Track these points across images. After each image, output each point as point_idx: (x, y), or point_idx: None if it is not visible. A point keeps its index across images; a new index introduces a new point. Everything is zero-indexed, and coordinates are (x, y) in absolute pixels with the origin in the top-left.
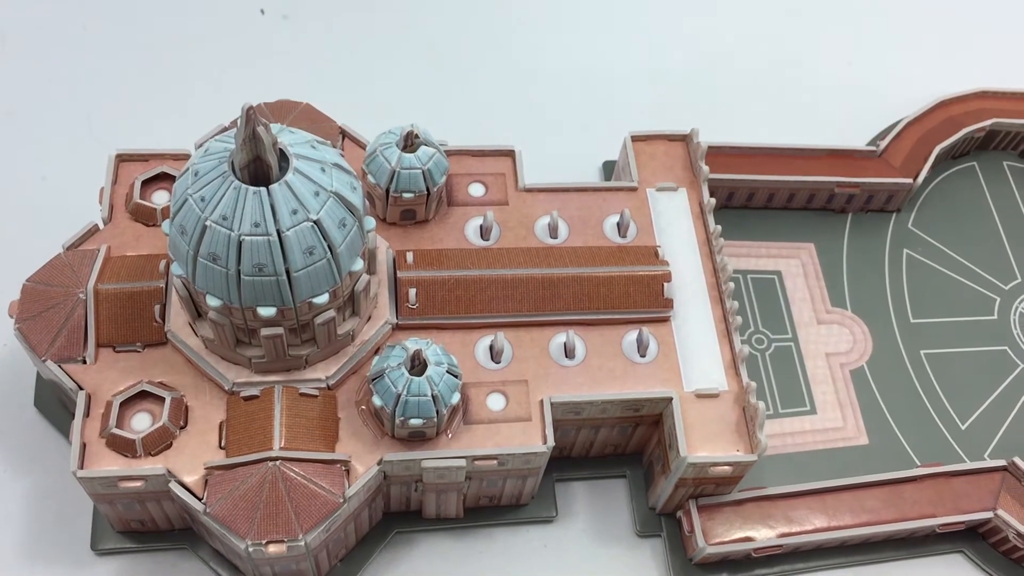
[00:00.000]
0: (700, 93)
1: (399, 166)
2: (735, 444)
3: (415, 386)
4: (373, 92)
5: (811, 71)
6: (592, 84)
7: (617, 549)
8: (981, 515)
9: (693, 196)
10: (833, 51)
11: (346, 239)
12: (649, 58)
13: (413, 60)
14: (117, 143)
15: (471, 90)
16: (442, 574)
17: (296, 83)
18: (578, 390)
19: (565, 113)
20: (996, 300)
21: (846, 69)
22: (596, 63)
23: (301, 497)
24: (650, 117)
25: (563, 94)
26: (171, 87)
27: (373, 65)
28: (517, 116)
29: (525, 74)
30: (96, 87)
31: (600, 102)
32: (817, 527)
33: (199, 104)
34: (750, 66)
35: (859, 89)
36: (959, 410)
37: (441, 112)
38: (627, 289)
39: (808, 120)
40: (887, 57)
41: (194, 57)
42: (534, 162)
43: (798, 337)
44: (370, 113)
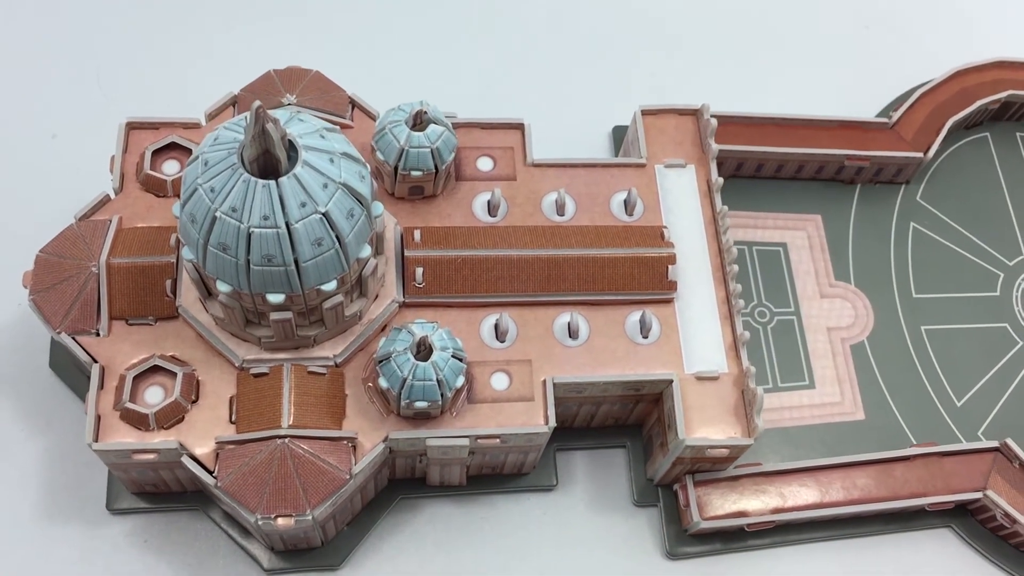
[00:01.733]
0: (713, 57)
1: (408, 144)
2: (732, 427)
3: (420, 371)
4: (384, 58)
5: (828, 34)
6: (603, 49)
7: (614, 518)
8: (971, 495)
9: (701, 174)
10: (851, 13)
11: (354, 228)
12: (662, 22)
13: (423, 25)
14: (126, 99)
15: (482, 54)
16: (444, 539)
17: (307, 48)
18: (580, 370)
19: (576, 77)
20: (1000, 276)
21: (863, 32)
22: (608, 27)
23: (309, 473)
24: (661, 82)
25: (574, 58)
26: (182, 44)
27: (384, 31)
28: (528, 80)
29: (536, 38)
30: (105, 42)
31: (611, 67)
32: (809, 503)
33: (209, 64)
34: (766, 28)
35: (876, 54)
36: (956, 387)
37: (452, 76)
38: (631, 271)
39: (824, 85)
40: (906, 21)
41: (205, 16)
42: (545, 127)
43: (800, 311)
44: (381, 80)
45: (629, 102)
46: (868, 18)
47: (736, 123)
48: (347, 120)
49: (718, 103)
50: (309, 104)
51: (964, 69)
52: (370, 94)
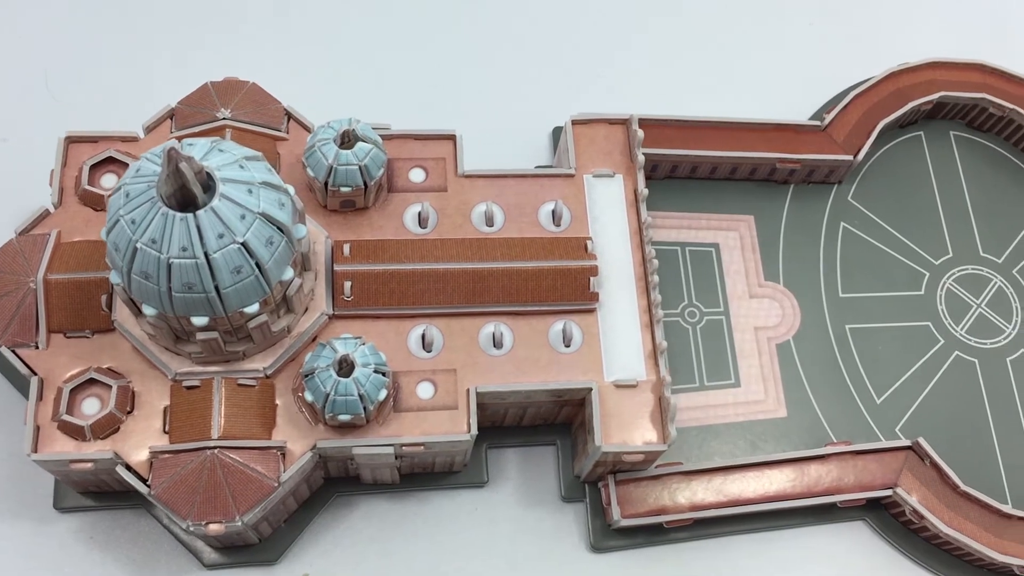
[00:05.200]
0: (661, 58)
1: (336, 162)
2: (649, 432)
3: (342, 387)
4: (326, 69)
5: (773, 30)
6: (546, 51)
7: (543, 512)
8: (881, 492)
9: (629, 183)
10: (796, 9)
11: (274, 255)
12: (606, 23)
13: (365, 35)
14: (78, 105)
15: (423, 60)
16: (378, 534)
17: (246, 59)
18: (504, 379)
19: (519, 80)
20: (925, 276)
21: (807, 29)
22: (551, 29)
23: (238, 482)
24: (605, 84)
25: (517, 61)
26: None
27: (326, 41)
28: (470, 83)
29: (474, 44)
30: (53, 44)
31: (554, 69)
32: (726, 500)
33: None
34: (714, 28)
35: (819, 51)
36: (876, 385)
37: (394, 84)
38: (554, 283)
39: (770, 84)
40: (851, 17)
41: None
42: (488, 130)
43: (730, 311)
44: (322, 90)
45: (570, 104)
46: (812, 14)
47: (672, 126)
48: (282, 132)
49: (663, 104)
50: (244, 117)
51: (899, 70)
52: (313, 104)
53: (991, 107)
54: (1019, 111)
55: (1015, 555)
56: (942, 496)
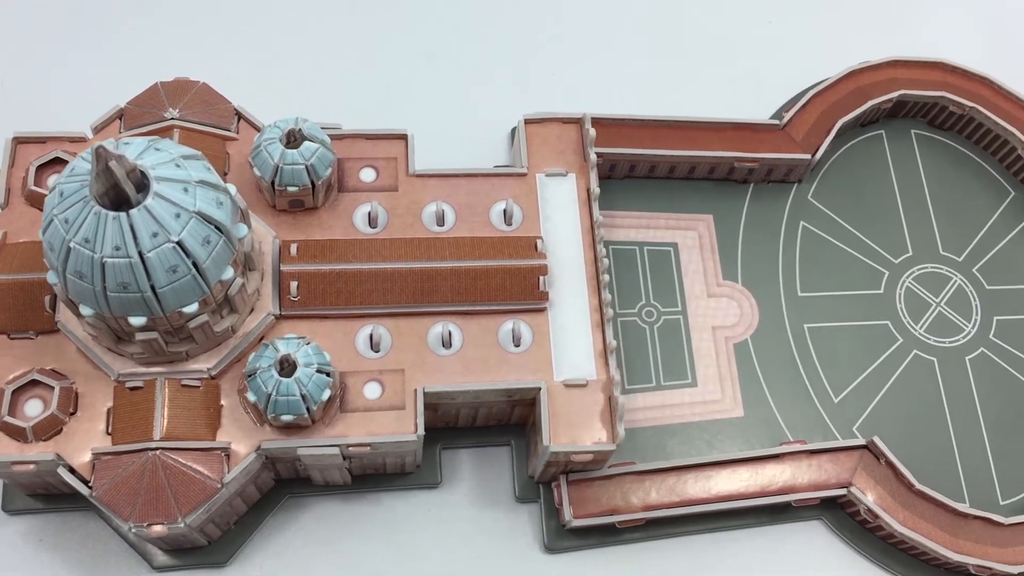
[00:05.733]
0: (620, 57)
1: (282, 162)
2: (599, 432)
3: (284, 387)
4: (283, 68)
5: (732, 30)
6: (505, 50)
7: (497, 513)
8: (836, 491)
9: (582, 182)
10: (755, 8)
11: (212, 254)
12: (565, 22)
13: (321, 34)
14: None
15: (381, 61)
16: (330, 536)
17: (202, 60)
18: (452, 379)
19: (475, 81)
20: (885, 274)
21: (766, 28)
22: (510, 28)
23: (180, 483)
24: (562, 83)
25: (472, 62)
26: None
27: (284, 40)
28: (426, 86)
29: (434, 44)
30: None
31: (510, 69)
32: (679, 500)
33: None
34: (673, 27)
35: (779, 50)
36: (834, 384)
37: (351, 84)
38: (503, 282)
39: (725, 83)
40: (811, 17)
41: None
42: (443, 131)
43: (687, 310)
44: (280, 89)
45: (530, 104)
46: (772, 13)
47: (629, 125)
48: (232, 132)
49: (623, 104)
50: (192, 117)
51: (858, 68)
52: (269, 104)
53: (951, 105)
54: (979, 109)
55: (970, 554)
56: (897, 495)
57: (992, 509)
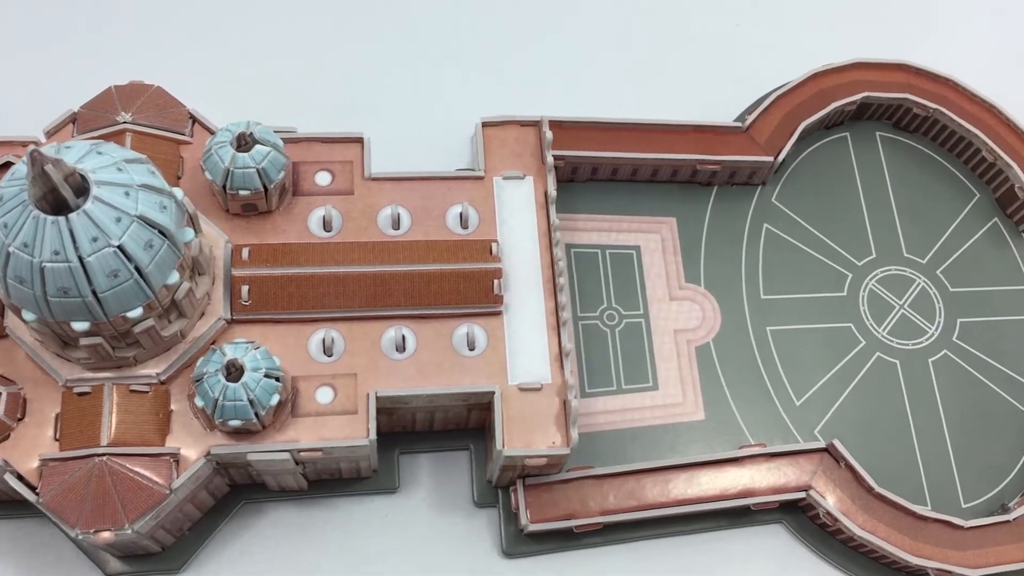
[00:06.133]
0: (584, 60)
1: (233, 165)
2: (552, 436)
3: (231, 392)
4: (238, 73)
5: (699, 32)
6: (472, 52)
7: (455, 518)
8: (795, 495)
9: (539, 185)
10: (722, 11)
11: (155, 259)
12: (532, 22)
13: (284, 35)
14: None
15: (341, 63)
16: (287, 541)
17: (159, 63)
18: (406, 383)
19: (440, 84)
20: (848, 276)
21: (733, 31)
22: (476, 29)
23: (127, 489)
24: (524, 88)
25: (437, 65)
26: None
27: (239, 45)
28: (390, 89)
29: (399, 47)
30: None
31: (476, 72)
32: (637, 505)
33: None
34: (640, 29)
35: (746, 53)
36: (796, 387)
37: (312, 86)
38: (458, 285)
39: (692, 86)
40: (779, 19)
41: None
42: (408, 135)
43: (649, 313)
44: (234, 94)
45: (494, 106)
46: (740, 15)
47: (591, 128)
48: (186, 136)
49: (589, 106)
50: (145, 121)
51: (822, 71)
52: (229, 108)
53: (915, 107)
54: (943, 111)
55: (930, 557)
56: (857, 498)
57: (954, 512)
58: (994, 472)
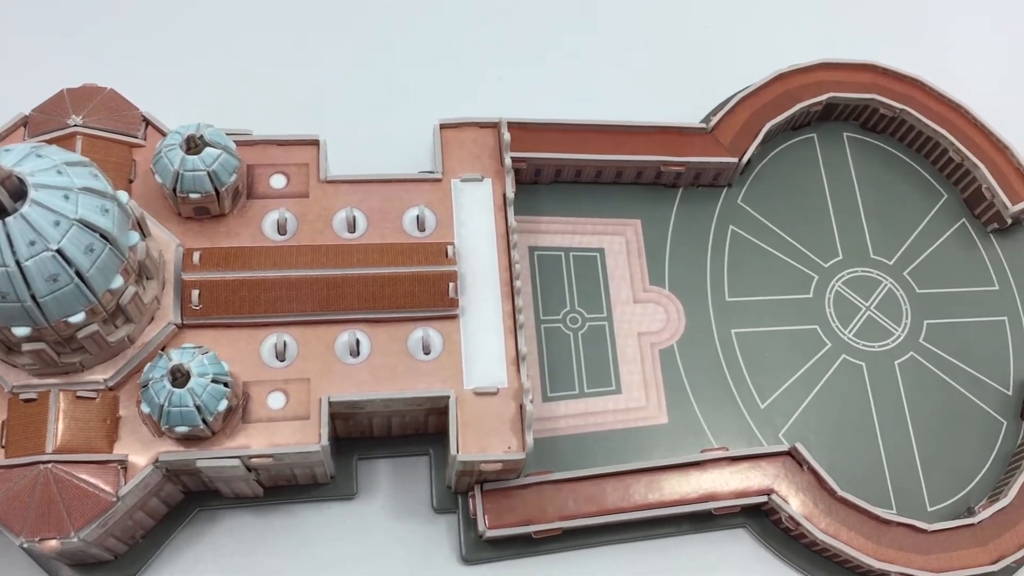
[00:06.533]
0: (552, 62)
1: (182, 168)
2: (508, 441)
3: (177, 398)
4: (200, 75)
5: (666, 33)
6: (430, 58)
7: (414, 524)
8: (757, 499)
9: (498, 187)
10: (689, 12)
11: (96, 263)
12: (501, 25)
13: (245, 38)
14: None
15: (302, 67)
16: (243, 549)
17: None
18: (360, 388)
19: (399, 88)
20: (814, 278)
21: (701, 32)
22: (434, 35)
23: (73, 497)
24: (491, 90)
25: (397, 68)
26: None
27: (202, 48)
28: (348, 93)
29: (356, 50)
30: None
31: (438, 74)
32: (598, 510)
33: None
34: (608, 31)
35: (714, 54)
36: (761, 390)
37: (273, 89)
38: (412, 289)
39: (659, 87)
40: (747, 20)
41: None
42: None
43: (613, 316)
44: (195, 97)
45: (459, 108)
46: (707, 16)
47: (554, 130)
48: (139, 139)
49: (555, 108)
50: (97, 124)
51: (788, 71)
52: (188, 111)
53: (881, 108)
54: (910, 111)
55: (893, 561)
56: (820, 502)
57: (920, 515)
58: (960, 475)
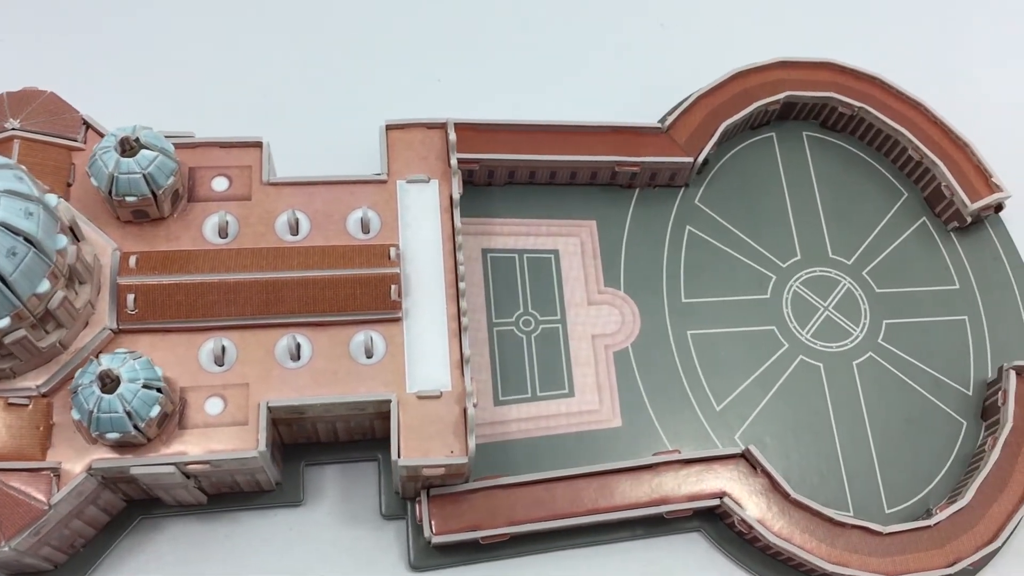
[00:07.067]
0: (509, 61)
1: (117, 171)
2: (451, 445)
3: (106, 404)
4: (143, 78)
5: (624, 33)
6: (387, 54)
7: (362, 531)
8: (709, 502)
9: (445, 189)
10: (647, 11)
11: (19, 267)
12: (452, 25)
13: (192, 43)
14: None
15: (252, 69)
16: (186, 557)
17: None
18: (300, 392)
19: (351, 89)
20: (772, 279)
21: (659, 32)
22: (391, 36)
23: (2, 506)
24: (446, 88)
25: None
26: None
27: (146, 51)
28: (300, 96)
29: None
30: None
31: (393, 76)
32: (547, 515)
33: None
34: (563, 31)
35: (672, 54)
36: (716, 392)
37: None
38: (354, 291)
39: (616, 87)
40: (705, 19)
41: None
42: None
43: (567, 318)
44: (138, 100)
45: (412, 110)
46: (664, 15)
47: (507, 131)
48: (79, 142)
49: (512, 108)
50: (35, 127)
51: (745, 70)
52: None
53: (840, 106)
54: (868, 109)
55: (847, 564)
56: (773, 505)
57: (878, 518)
58: (919, 476)
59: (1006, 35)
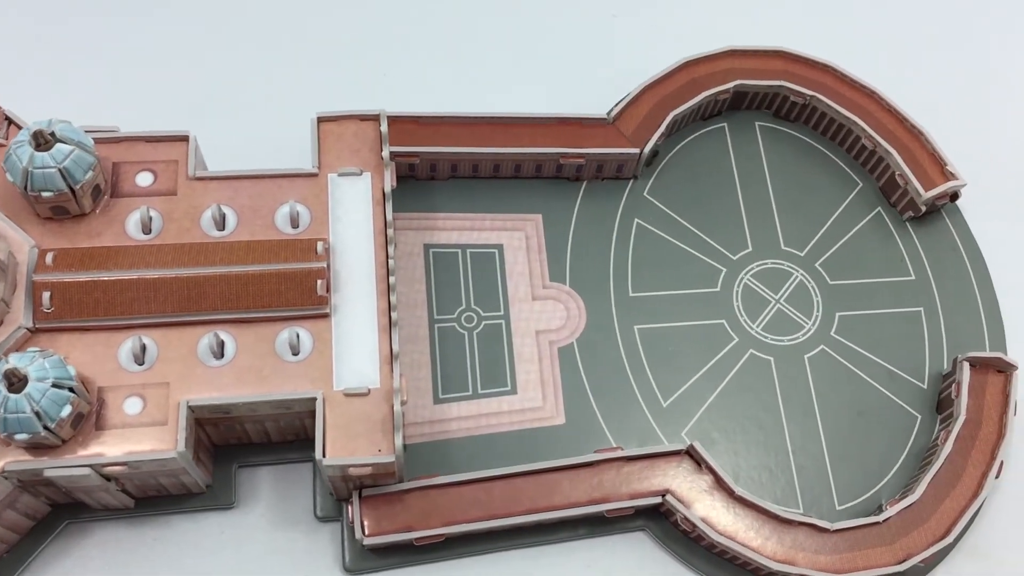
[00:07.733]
0: (456, 53)
1: (31, 166)
2: (379, 444)
3: (12, 404)
4: (72, 73)
5: (573, 23)
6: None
7: (296, 533)
8: (651, 500)
9: (377, 182)
10: (599, 2)
11: None
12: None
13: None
14: None
15: (189, 63)
16: (114, 562)
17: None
18: (224, 391)
19: (292, 83)
20: (722, 272)
21: (610, 22)
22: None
23: None
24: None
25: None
26: None
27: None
28: (237, 89)
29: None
30: None
31: (336, 70)
32: (483, 515)
33: None
34: (512, 23)
35: (623, 44)
36: (664, 387)
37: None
38: (278, 287)
39: (566, 79)
40: (658, 9)
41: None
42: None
43: (510, 314)
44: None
45: (357, 102)
46: (616, 5)
47: (448, 123)
48: (0, 139)
49: (461, 102)
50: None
51: (694, 59)
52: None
53: (792, 95)
54: (820, 98)
55: (794, 562)
56: (718, 502)
57: (829, 514)
58: (872, 472)
59: (959, 21)
